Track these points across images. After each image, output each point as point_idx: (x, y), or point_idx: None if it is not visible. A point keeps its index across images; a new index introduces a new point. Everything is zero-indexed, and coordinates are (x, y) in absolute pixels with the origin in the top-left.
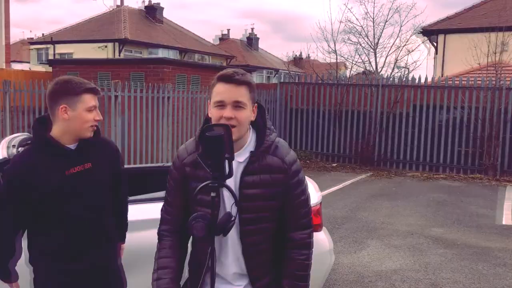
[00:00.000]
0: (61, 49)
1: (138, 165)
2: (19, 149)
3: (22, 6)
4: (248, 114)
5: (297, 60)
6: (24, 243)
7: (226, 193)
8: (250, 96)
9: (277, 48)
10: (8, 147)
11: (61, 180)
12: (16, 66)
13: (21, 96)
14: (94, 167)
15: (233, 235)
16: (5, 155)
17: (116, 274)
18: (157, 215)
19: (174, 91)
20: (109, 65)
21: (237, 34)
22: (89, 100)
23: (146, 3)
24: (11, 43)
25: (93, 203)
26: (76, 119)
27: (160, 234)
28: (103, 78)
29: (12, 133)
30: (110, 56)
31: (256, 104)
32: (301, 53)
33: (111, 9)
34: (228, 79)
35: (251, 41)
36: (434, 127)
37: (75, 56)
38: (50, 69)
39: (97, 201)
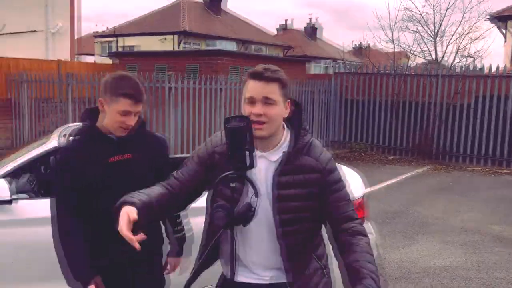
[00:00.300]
0: (125, 42)
1: (184, 155)
2: (70, 138)
3: (92, 0)
4: (279, 110)
5: (359, 50)
6: None
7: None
8: (282, 93)
9: (340, 37)
10: (60, 136)
11: (100, 170)
12: (85, 59)
13: (83, 88)
14: (134, 158)
15: (268, 228)
16: (57, 144)
17: (148, 271)
18: (200, 203)
19: (226, 83)
20: (166, 57)
21: (301, 24)
22: (124, 104)
23: None
24: (79, 37)
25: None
26: (108, 116)
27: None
28: (160, 70)
29: (74, 121)
30: (171, 48)
31: (289, 101)
32: (360, 43)
33: (172, 2)
34: (258, 76)
35: (312, 30)
36: (498, 119)
37: (137, 49)
38: (114, 61)
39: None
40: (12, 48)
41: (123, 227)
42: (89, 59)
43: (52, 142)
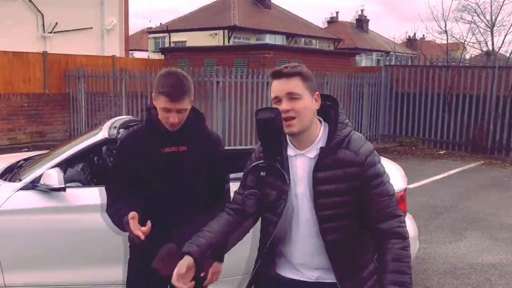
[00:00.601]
0: (176, 37)
1: (231, 147)
2: (120, 130)
3: None
4: (307, 104)
5: (411, 42)
6: None
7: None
8: (305, 86)
9: (390, 29)
10: (110, 128)
11: (154, 160)
12: (137, 55)
13: (135, 83)
14: (189, 151)
15: (311, 228)
16: (106, 135)
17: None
18: None
19: None
20: (215, 52)
21: (347, 16)
22: (163, 102)
23: None
24: (133, 33)
25: (179, 186)
26: (157, 110)
27: (224, 209)
28: (209, 64)
29: (127, 114)
30: (221, 43)
31: (318, 93)
32: (414, 34)
33: None
34: (278, 75)
35: (361, 23)
36: None
37: (188, 44)
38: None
39: (183, 185)
40: (69, 44)
41: (174, 279)
42: (141, 54)
43: (102, 133)
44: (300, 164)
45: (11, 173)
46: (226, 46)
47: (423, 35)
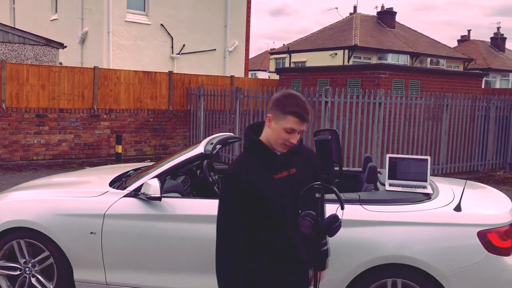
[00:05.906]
0: (296, 58)
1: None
2: (217, 146)
3: (275, 19)
4: None
5: None
6: None
7: None
8: None
9: None
10: (206, 144)
11: (268, 183)
12: (260, 75)
13: (249, 101)
14: (298, 172)
15: None
16: (202, 151)
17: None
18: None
19: (386, 97)
20: (328, 72)
21: (483, 34)
22: (291, 122)
23: (379, 9)
24: (258, 54)
25: (294, 208)
26: (274, 131)
27: None
28: (322, 84)
29: (240, 132)
30: (340, 63)
31: None
32: None
33: (346, 17)
34: None
35: (497, 41)
36: None
37: (308, 64)
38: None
39: (298, 206)
40: (194, 65)
41: None
42: (264, 75)
43: (199, 149)
44: None
45: (120, 181)
46: (339, 66)
47: None
